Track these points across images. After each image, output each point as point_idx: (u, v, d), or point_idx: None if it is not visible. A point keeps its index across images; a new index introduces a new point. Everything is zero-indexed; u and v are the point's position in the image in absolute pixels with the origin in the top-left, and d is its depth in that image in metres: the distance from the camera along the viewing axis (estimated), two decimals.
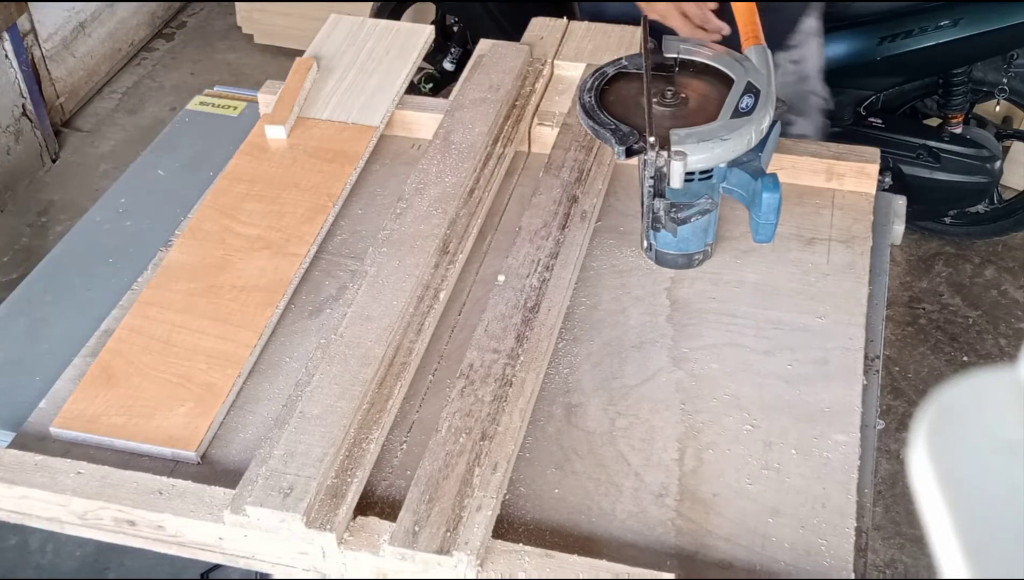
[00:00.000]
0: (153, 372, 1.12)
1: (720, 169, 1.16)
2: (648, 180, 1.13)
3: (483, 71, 1.47)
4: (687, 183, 1.15)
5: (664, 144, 1.11)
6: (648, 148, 1.11)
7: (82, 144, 3.09)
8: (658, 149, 1.11)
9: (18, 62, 2.85)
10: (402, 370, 1.11)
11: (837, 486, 1.02)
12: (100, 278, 1.30)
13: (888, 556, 2.07)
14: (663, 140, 1.12)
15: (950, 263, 2.65)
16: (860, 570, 0.97)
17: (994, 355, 2.43)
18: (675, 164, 1.11)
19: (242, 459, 1.06)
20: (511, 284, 1.18)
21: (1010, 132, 2.64)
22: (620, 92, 1.22)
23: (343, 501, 0.97)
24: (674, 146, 1.11)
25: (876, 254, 1.27)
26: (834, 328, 1.17)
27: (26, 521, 1.04)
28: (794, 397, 1.10)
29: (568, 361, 1.15)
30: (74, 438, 1.08)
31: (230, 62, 3.42)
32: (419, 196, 1.27)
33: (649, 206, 1.15)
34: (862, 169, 1.32)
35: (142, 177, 1.46)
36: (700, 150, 1.11)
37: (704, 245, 1.23)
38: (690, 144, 1.11)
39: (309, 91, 1.47)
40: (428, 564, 0.93)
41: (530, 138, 1.44)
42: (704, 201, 1.15)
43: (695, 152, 1.11)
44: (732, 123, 1.14)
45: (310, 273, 1.27)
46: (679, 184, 1.12)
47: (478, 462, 0.99)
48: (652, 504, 1.02)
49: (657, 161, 1.11)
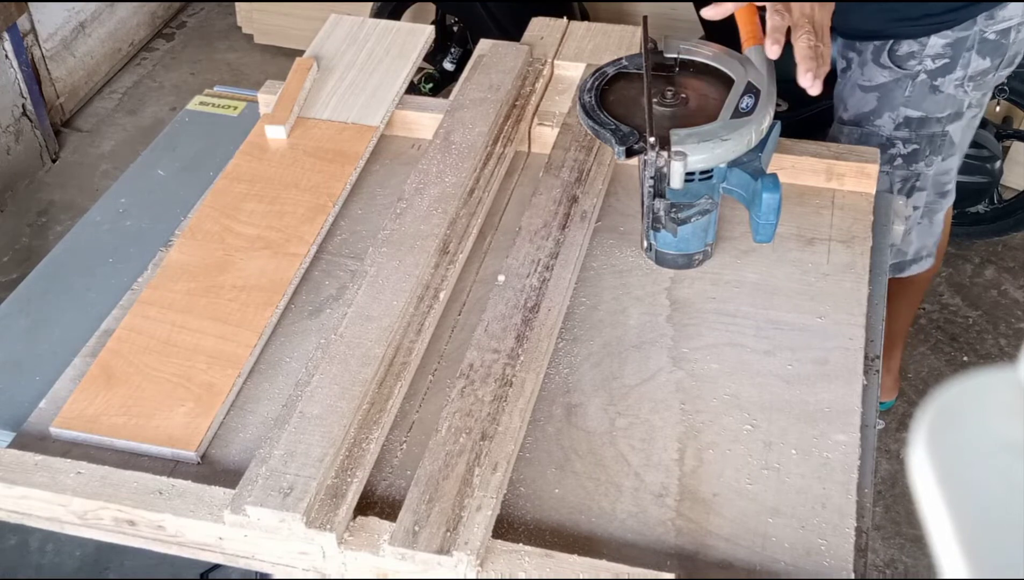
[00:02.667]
0: (153, 372, 1.13)
1: (720, 169, 1.16)
2: (648, 180, 1.13)
3: (483, 71, 1.47)
4: (687, 183, 1.15)
5: (664, 144, 1.11)
6: (648, 148, 1.11)
7: (82, 144, 3.09)
8: (658, 149, 1.11)
9: (18, 62, 2.85)
10: (402, 370, 1.11)
11: (837, 486, 1.02)
12: (100, 278, 1.30)
13: (888, 556, 2.07)
14: (663, 140, 1.12)
15: (950, 263, 2.65)
16: (860, 570, 0.97)
17: (994, 355, 2.43)
18: (675, 164, 1.10)
19: (242, 459, 1.06)
20: (511, 284, 1.18)
21: (1010, 132, 2.64)
22: (620, 92, 1.22)
23: (343, 501, 0.97)
24: (674, 146, 1.11)
25: (876, 254, 1.27)
26: (834, 328, 1.17)
27: (26, 521, 1.04)
28: (794, 397, 1.11)
29: (568, 361, 1.16)
30: (74, 438, 1.08)
31: (230, 62, 3.42)
32: (419, 196, 1.27)
33: (649, 206, 1.15)
34: (862, 169, 1.32)
35: (142, 177, 1.46)
36: (700, 150, 1.11)
37: (704, 245, 1.23)
38: (690, 144, 1.11)
39: (309, 91, 1.47)
40: (428, 564, 0.93)
41: (530, 138, 1.44)
42: (704, 201, 1.15)
43: (695, 152, 1.11)
44: (732, 123, 1.14)
45: (310, 273, 1.27)
46: (679, 184, 1.12)
47: (478, 462, 0.99)
48: (652, 504, 1.02)
49: (657, 161, 1.11)
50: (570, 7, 2.74)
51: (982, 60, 1.50)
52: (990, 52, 1.49)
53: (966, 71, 1.50)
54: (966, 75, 1.51)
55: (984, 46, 1.48)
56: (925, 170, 1.63)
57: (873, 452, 1.09)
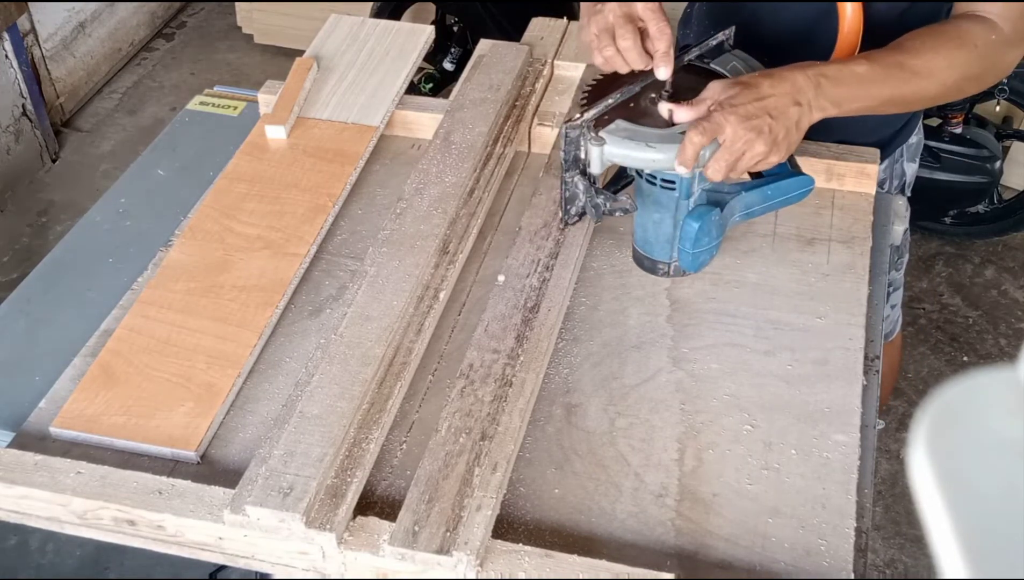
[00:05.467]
0: (153, 372, 1.12)
1: (684, 182, 1.16)
2: (561, 151, 1.15)
3: (483, 71, 1.47)
4: (650, 185, 1.15)
5: (597, 127, 1.13)
6: (573, 124, 1.12)
7: (82, 144, 3.09)
8: (584, 129, 1.12)
9: (18, 62, 2.85)
10: (402, 370, 1.11)
11: (837, 486, 1.02)
12: (100, 278, 1.30)
13: (888, 556, 2.07)
14: (606, 124, 1.13)
15: (950, 263, 2.65)
16: (860, 570, 0.97)
17: (994, 355, 2.43)
18: (592, 148, 1.13)
19: (242, 459, 1.06)
20: (511, 284, 1.18)
21: (1010, 132, 2.64)
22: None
23: (343, 501, 0.97)
24: (601, 132, 1.12)
25: (876, 254, 1.27)
26: (834, 328, 1.17)
27: (26, 521, 1.04)
28: (794, 397, 1.10)
29: (568, 361, 1.15)
30: (74, 438, 1.08)
31: (230, 62, 3.42)
32: (419, 196, 1.27)
33: (563, 179, 1.17)
34: (862, 169, 1.32)
35: (142, 177, 1.46)
36: (621, 146, 1.12)
37: (670, 257, 1.23)
38: (616, 137, 1.12)
39: (309, 91, 1.47)
40: (428, 564, 0.93)
41: (530, 138, 1.44)
42: (624, 200, 1.16)
43: (616, 145, 1.12)
44: (670, 135, 1.13)
45: (310, 273, 1.27)
46: (597, 169, 1.15)
47: (478, 462, 0.99)
48: (652, 504, 1.02)
49: (581, 140, 1.13)
50: (570, 7, 2.74)
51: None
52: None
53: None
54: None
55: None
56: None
57: (873, 452, 1.09)
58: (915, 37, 1.17)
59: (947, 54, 1.16)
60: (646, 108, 1.17)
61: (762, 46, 1.27)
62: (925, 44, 1.16)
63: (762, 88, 1.08)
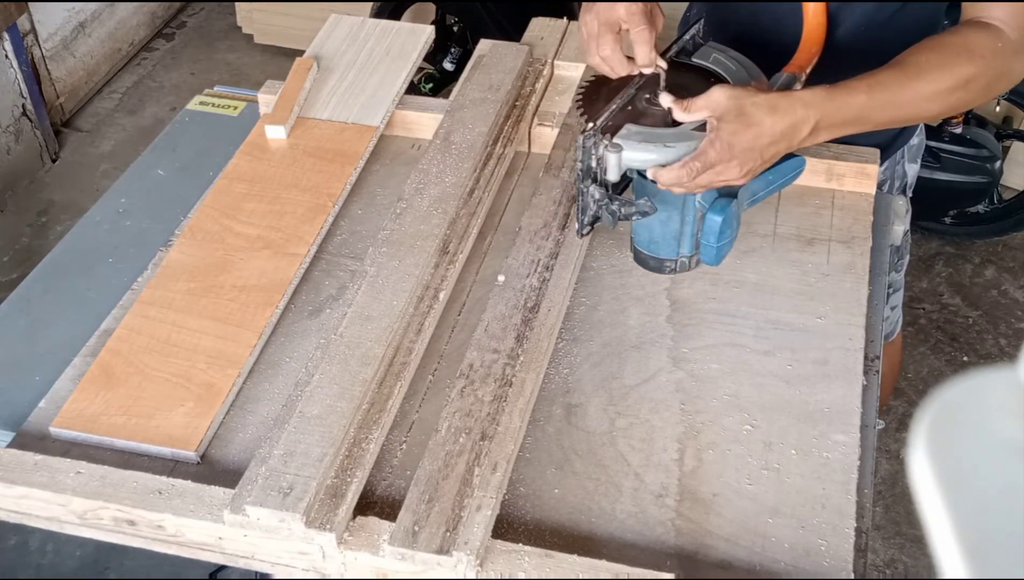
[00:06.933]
0: (153, 372, 1.12)
1: None
2: (577, 162, 1.14)
3: (483, 71, 1.47)
4: (655, 184, 1.15)
5: (611, 134, 1.12)
6: (588, 133, 1.11)
7: (82, 144, 3.09)
8: (597, 137, 1.11)
9: (18, 62, 2.85)
10: (402, 370, 1.11)
11: (837, 486, 1.02)
12: (100, 278, 1.30)
13: (888, 556, 2.07)
14: (614, 130, 1.13)
15: (950, 263, 2.65)
16: (860, 570, 0.97)
17: (994, 355, 2.43)
18: (610, 156, 1.12)
19: (242, 459, 1.06)
20: (511, 284, 1.18)
21: (1010, 132, 2.64)
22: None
23: (343, 501, 0.97)
24: (616, 139, 1.11)
25: (876, 254, 1.27)
26: (834, 328, 1.17)
27: (26, 521, 1.04)
28: (794, 397, 1.11)
29: (568, 361, 1.15)
30: (74, 438, 1.08)
31: (230, 62, 3.42)
32: (419, 196, 1.27)
33: (579, 189, 1.16)
34: (862, 169, 1.32)
35: (142, 177, 1.46)
36: (639, 149, 1.12)
37: (677, 254, 1.22)
38: (632, 141, 1.12)
39: (309, 91, 1.47)
40: (428, 564, 0.93)
41: (530, 138, 1.44)
42: (643, 203, 1.15)
43: (633, 150, 1.12)
44: (684, 133, 1.12)
45: (310, 273, 1.27)
46: (614, 177, 1.14)
47: (478, 462, 0.99)
48: (652, 504, 1.02)
49: (595, 149, 1.12)
50: (570, 7, 2.74)
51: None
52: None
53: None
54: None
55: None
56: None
57: (873, 452, 1.09)
58: (920, 52, 1.14)
59: (954, 71, 1.12)
60: (644, 109, 1.17)
61: (762, 46, 1.27)
62: (931, 61, 1.13)
63: (763, 127, 1.07)
